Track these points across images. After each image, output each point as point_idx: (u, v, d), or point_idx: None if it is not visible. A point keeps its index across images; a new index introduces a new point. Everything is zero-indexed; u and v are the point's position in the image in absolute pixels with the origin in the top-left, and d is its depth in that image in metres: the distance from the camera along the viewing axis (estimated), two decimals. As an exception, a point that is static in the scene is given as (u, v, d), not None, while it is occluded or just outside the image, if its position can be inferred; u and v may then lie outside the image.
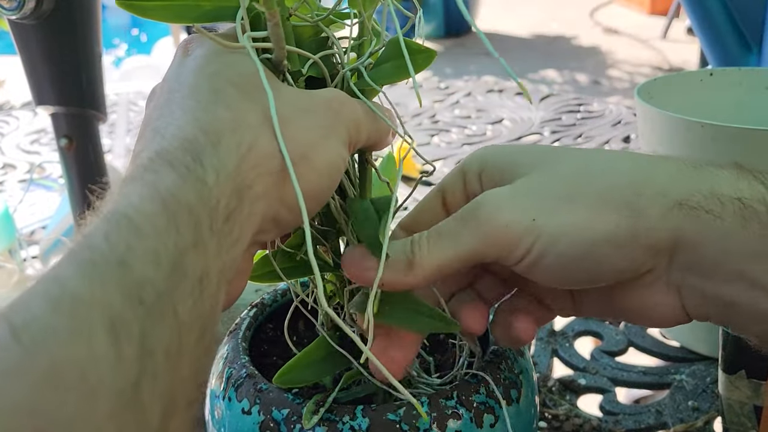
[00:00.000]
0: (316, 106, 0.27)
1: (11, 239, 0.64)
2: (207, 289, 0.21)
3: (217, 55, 0.27)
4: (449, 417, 0.30)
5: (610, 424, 0.48)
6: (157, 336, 0.19)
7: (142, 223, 0.20)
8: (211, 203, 0.22)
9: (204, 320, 0.21)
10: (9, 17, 0.52)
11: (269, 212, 0.25)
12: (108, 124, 1.20)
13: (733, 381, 0.40)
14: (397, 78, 0.29)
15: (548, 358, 0.55)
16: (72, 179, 0.59)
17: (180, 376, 0.20)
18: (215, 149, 0.23)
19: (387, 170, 0.37)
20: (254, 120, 0.25)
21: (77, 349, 0.17)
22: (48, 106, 0.57)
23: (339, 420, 0.30)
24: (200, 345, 0.21)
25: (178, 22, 0.28)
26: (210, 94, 0.25)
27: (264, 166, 0.25)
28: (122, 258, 0.19)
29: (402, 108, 1.26)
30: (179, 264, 0.20)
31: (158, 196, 0.21)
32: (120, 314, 0.18)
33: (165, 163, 0.22)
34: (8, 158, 1.11)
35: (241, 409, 0.31)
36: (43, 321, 0.17)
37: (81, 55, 0.55)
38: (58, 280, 0.18)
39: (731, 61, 0.85)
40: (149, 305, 0.19)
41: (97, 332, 0.17)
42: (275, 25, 0.26)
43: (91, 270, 0.19)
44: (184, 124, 0.24)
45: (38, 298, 0.18)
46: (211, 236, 0.22)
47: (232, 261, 0.23)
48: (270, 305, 0.40)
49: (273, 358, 0.38)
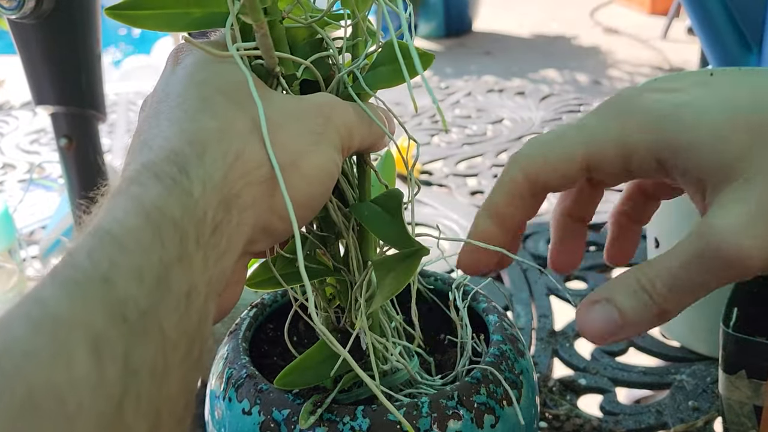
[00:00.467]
0: (306, 111, 0.27)
1: (11, 239, 0.64)
2: (194, 304, 0.21)
3: (206, 64, 0.26)
4: (450, 417, 0.30)
5: (610, 425, 0.48)
6: (141, 354, 0.18)
7: (125, 239, 0.20)
8: (197, 215, 0.22)
9: (191, 335, 0.21)
10: (9, 17, 0.52)
11: (259, 222, 0.25)
12: (107, 124, 1.20)
13: (733, 381, 0.40)
14: (395, 82, 0.29)
15: (548, 359, 0.55)
16: (71, 179, 0.59)
17: (167, 394, 0.19)
18: (200, 160, 0.23)
19: (386, 169, 0.37)
20: (242, 128, 0.25)
21: (56, 372, 0.16)
22: (48, 106, 0.57)
23: (339, 420, 0.29)
24: (188, 361, 0.21)
25: (168, 31, 0.28)
26: (197, 103, 0.25)
27: (252, 175, 0.24)
28: (105, 275, 0.19)
29: (402, 108, 1.26)
30: (164, 279, 0.20)
31: (143, 210, 0.21)
32: (103, 333, 0.18)
33: (151, 175, 0.22)
34: (8, 158, 1.11)
35: (241, 409, 0.31)
36: (23, 344, 0.17)
37: (81, 54, 0.55)
38: (40, 301, 0.18)
39: (731, 61, 0.85)
40: (133, 322, 0.18)
41: (78, 353, 0.17)
42: (263, 35, 0.26)
43: (73, 289, 0.18)
44: (171, 135, 0.24)
45: (19, 320, 0.17)
46: (197, 249, 0.22)
47: (220, 273, 0.23)
48: (270, 305, 0.40)
49: (273, 358, 0.38)
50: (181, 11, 0.28)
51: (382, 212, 0.30)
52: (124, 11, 0.27)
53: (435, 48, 2.19)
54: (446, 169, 0.98)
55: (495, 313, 0.37)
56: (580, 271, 0.68)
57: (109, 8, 0.27)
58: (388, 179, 0.35)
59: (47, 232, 0.76)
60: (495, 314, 0.37)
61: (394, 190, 0.31)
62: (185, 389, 0.21)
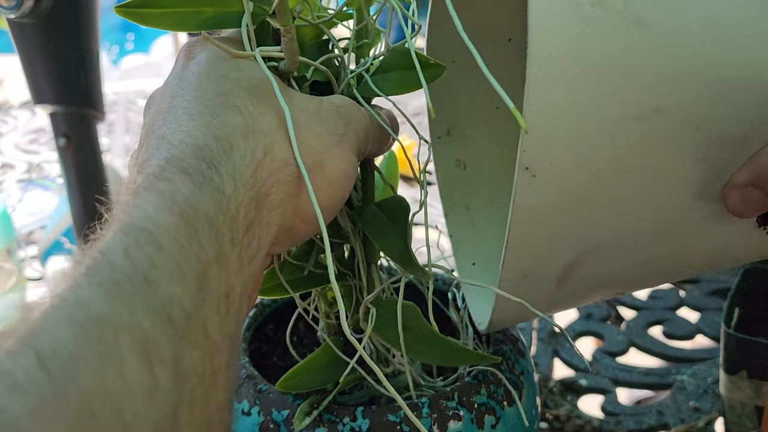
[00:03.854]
0: (327, 112, 0.26)
1: (10, 239, 0.64)
2: (232, 306, 0.20)
3: (222, 60, 0.26)
4: (450, 418, 0.30)
5: (611, 425, 0.48)
6: (190, 359, 0.17)
7: (162, 237, 0.19)
8: (230, 213, 0.21)
9: (232, 340, 0.20)
10: (8, 16, 0.52)
11: (285, 223, 0.24)
12: (106, 124, 1.20)
13: (734, 381, 0.40)
14: (405, 90, 0.28)
15: (549, 359, 0.55)
16: (70, 179, 0.59)
17: (216, 402, 0.18)
18: (228, 156, 0.22)
19: (389, 170, 0.37)
20: (268, 125, 0.24)
21: (109, 378, 0.15)
22: (46, 105, 0.57)
23: (339, 421, 0.29)
24: (231, 366, 0.20)
25: (179, 30, 0.27)
26: (218, 98, 0.24)
27: (279, 174, 0.24)
28: (146, 275, 0.18)
29: (402, 107, 1.26)
30: (204, 279, 0.19)
31: (176, 207, 0.20)
32: (150, 336, 0.17)
33: (178, 170, 0.21)
34: (7, 158, 1.10)
35: (240, 410, 0.31)
36: (70, 348, 0.15)
37: (79, 54, 0.55)
38: (81, 302, 0.17)
39: None
40: (179, 325, 0.17)
41: (128, 358, 0.16)
42: (290, 40, 0.26)
43: (114, 290, 0.17)
44: (193, 129, 0.23)
45: (62, 322, 0.16)
46: (232, 249, 0.21)
47: (252, 274, 0.22)
48: (270, 306, 0.40)
49: (273, 358, 0.38)
50: (193, 10, 0.27)
51: (387, 221, 0.30)
52: (134, 9, 0.27)
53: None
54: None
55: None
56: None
57: (119, 6, 0.27)
58: (391, 180, 0.35)
59: (46, 232, 0.76)
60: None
61: (400, 199, 0.31)
62: (230, 397, 0.20)
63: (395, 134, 0.30)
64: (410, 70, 0.27)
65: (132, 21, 0.27)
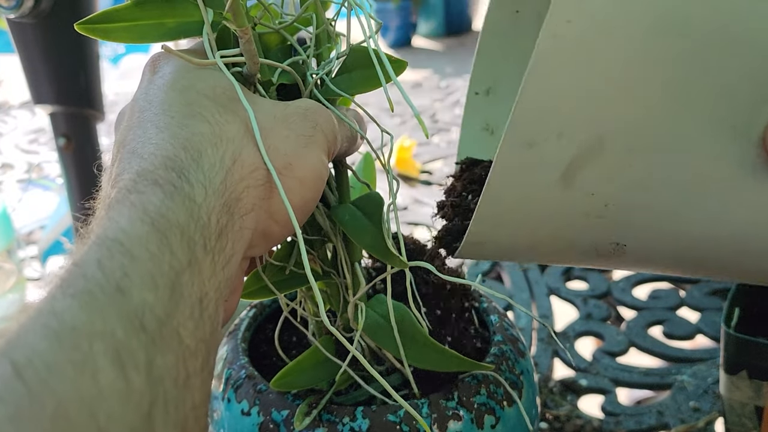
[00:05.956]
0: (293, 116, 0.27)
1: (9, 239, 0.64)
2: (207, 310, 0.21)
3: (186, 71, 0.26)
4: (450, 418, 0.30)
5: (611, 425, 0.47)
6: (163, 363, 0.18)
7: (134, 247, 0.19)
8: (202, 220, 0.22)
9: (207, 344, 0.20)
10: (8, 16, 0.52)
11: (259, 226, 0.25)
12: (106, 124, 1.20)
13: (734, 381, 0.40)
14: (369, 87, 0.29)
15: (549, 359, 0.55)
16: (70, 179, 0.59)
17: (191, 403, 0.19)
18: (198, 164, 0.23)
19: (365, 171, 0.37)
20: (235, 132, 0.25)
21: (83, 384, 0.16)
22: (46, 105, 0.57)
23: (339, 421, 0.29)
24: (206, 368, 0.20)
25: (142, 42, 0.27)
26: (184, 108, 0.25)
27: (250, 179, 0.24)
28: (119, 285, 0.18)
29: (402, 107, 1.26)
30: (176, 286, 0.20)
31: (147, 218, 0.20)
32: (124, 343, 0.17)
33: (149, 182, 0.22)
34: (6, 158, 1.10)
35: (240, 410, 0.31)
36: (45, 356, 0.16)
37: (79, 54, 0.55)
38: (55, 313, 0.17)
39: None
40: (152, 331, 0.18)
41: (102, 364, 0.17)
42: (248, 41, 0.26)
43: (88, 300, 0.18)
44: (162, 141, 0.23)
45: (37, 333, 0.17)
46: (205, 255, 0.21)
47: (227, 279, 0.23)
48: (269, 305, 0.40)
49: (272, 359, 0.38)
50: (155, 22, 0.27)
51: (362, 217, 0.30)
52: (96, 25, 0.27)
53: (435, 47, 2.19)
54: (446, 169, 0.98)
55: (495, 313, 0.37)
56: (580, 271, 0.68)
57: (80, 22, 0.27)
58: (368, 179, 0.35)
59: (46, 232, 0.76)
60: (495, 314, 0.37)
61: (375, 195, 0.31)
62: (206, 398, 0.20)
63: (363, 133, 0.31)
64: (373, 68, 0.27)
65: (95, 37, 0.27)
